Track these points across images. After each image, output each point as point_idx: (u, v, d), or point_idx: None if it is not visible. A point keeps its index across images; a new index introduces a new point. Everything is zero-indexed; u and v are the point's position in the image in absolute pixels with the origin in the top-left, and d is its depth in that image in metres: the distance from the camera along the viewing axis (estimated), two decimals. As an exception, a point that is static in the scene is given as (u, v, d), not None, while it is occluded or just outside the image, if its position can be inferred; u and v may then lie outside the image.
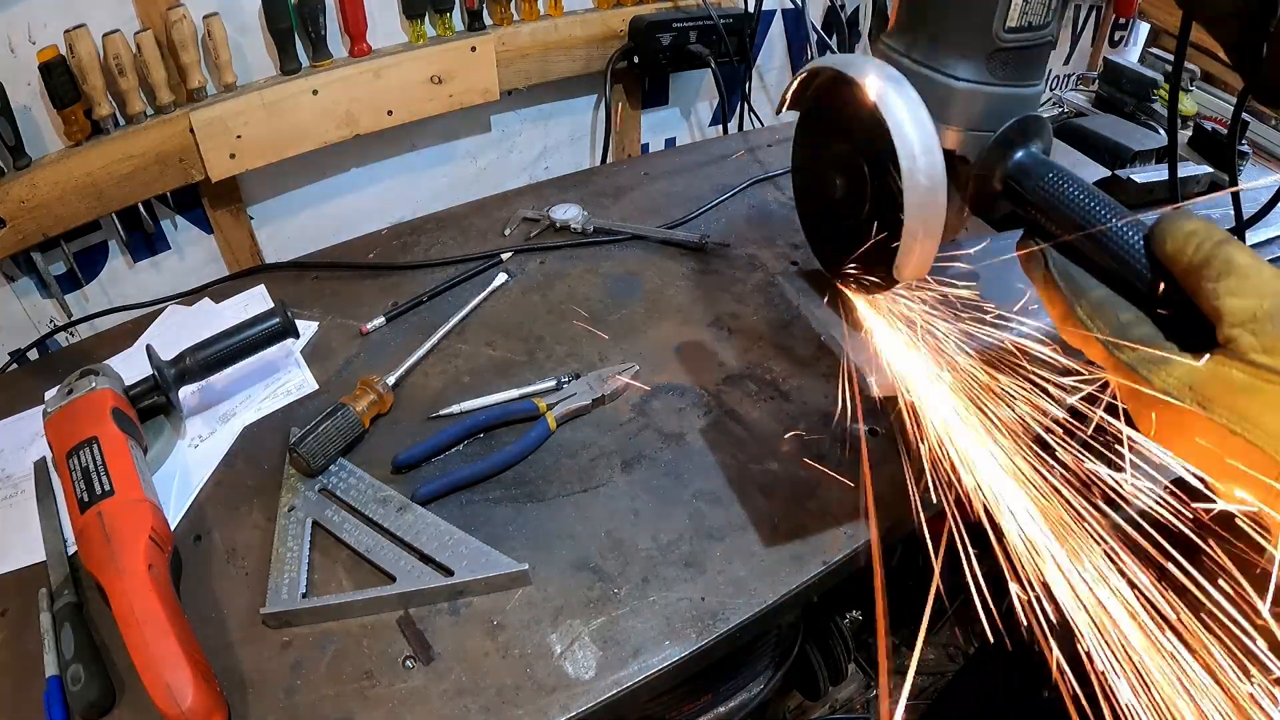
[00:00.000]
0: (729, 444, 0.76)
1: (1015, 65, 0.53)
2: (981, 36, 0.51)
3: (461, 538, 0.65)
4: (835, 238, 0.62)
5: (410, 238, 1.07)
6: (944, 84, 0.53)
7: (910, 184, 0.49)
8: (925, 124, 0.50)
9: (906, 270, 0.53)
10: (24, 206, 0.86)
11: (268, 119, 0.98)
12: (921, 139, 0.49)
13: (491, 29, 1.12)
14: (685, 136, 1.50)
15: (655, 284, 0.98)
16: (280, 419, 0.80)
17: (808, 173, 0.66)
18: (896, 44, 0.56)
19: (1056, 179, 0.49)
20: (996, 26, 0.51)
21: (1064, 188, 0.48)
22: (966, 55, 0.52)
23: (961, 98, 0.53)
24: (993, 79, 0.52)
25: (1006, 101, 0.53)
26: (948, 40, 0.53)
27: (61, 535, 0.67)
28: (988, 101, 0.53)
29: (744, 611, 0.62)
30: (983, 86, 0.52)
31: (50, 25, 0.84)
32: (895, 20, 0.58)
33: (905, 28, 0.56)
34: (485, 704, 0.56)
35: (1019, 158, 0.53)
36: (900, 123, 0.49)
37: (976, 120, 0.53)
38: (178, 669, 0.52)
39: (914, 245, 0.51)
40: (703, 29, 1.24)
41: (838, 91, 0.55)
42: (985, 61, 0.52)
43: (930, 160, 0.49)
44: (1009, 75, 0.53)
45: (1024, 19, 0.51)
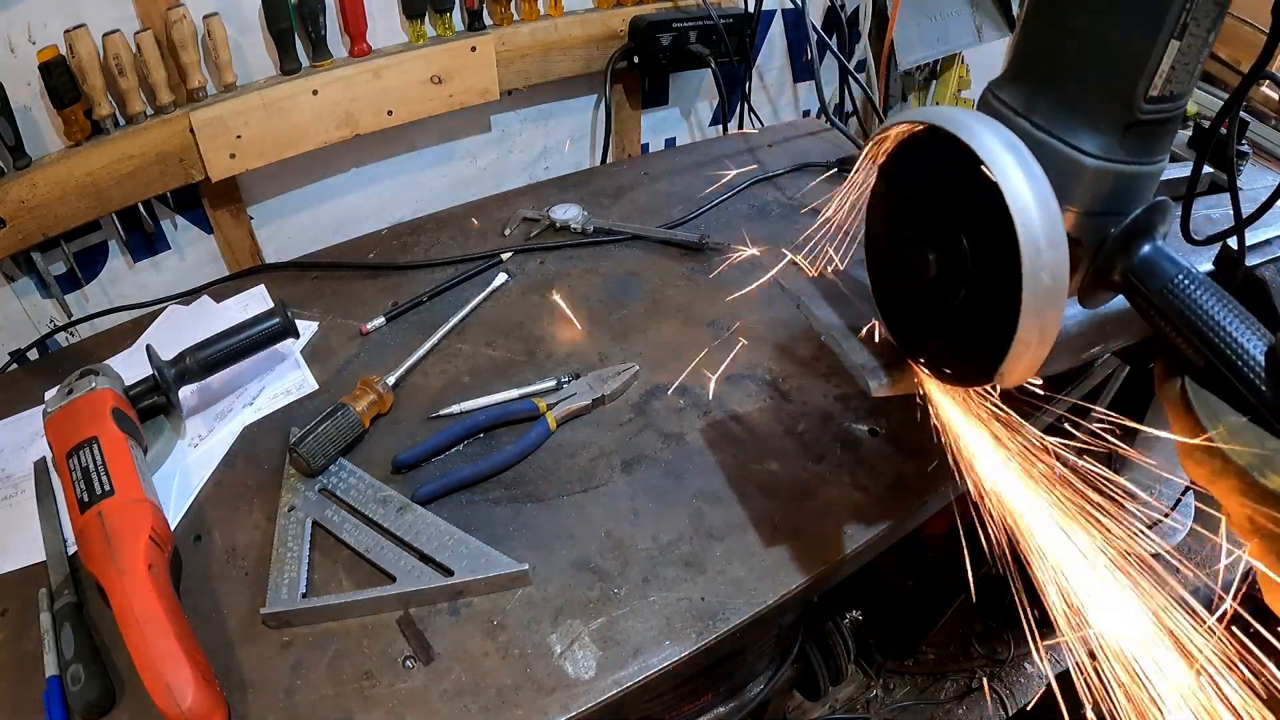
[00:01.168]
0: (729, 444, 0.76)
1: (1147, 140, 0.46)
2: (1121, 105, 0.44)
3: (461, 538, 0.65)
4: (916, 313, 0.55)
5: (410, 238, 1.07)
6: (1070, 158, 0.45)
7: (1032, 281, 0.41)
8: (1052, 209, 0.42)
9: (1012, 377, 0.46)
10: (24, 206, 0.86)
11: (268, 119, 0.98)
12: (1047, 229, 0.41)
13: (491, 29, 1.12)
14: (685, 136, 1.50)
15: (655, 284, 0.98)
16: (280, 419, 0.80)
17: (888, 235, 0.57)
18: (1012, 100, 0.48)
19: (1186, 283, 0.43)
20: (1139, 95, 0.43)
21: (1194, 294, 0.43)
22: (1100, 126, 0.45)
23: (1091, 176, 0.45)
24: (1124, 155, 0.45)
25: (1134, 180, 0.46)
26: (1080, 107, 0.45)
27: (61, 535, 0.67)
28: (1115, 181, 0.46)
29: (744, 611, 0.62)
30: (1113, 164, 0.45)
31: (50, 25, 0.84)
32: (1011, 69, 0.49)
33: (1025, 82, 0.48)
34: (485, 704, 0.56)
35: (1145, 252, 0.46)
36: (1025, 207, 0.41)
37: (1101, 202, 0.46)
38: (178, 669, 0.52)
39: (1026, 351, 0.44)
40: (703, 29, 1.24)
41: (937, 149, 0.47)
42: (1120, 134, 0.45)
43: (1056, 255, 0.42)
44: (1139, 151, 0.46)
45: (1168, 88, 0.43)
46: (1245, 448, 0.38)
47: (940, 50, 1.68)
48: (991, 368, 0.46)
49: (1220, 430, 0.39)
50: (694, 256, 1.03)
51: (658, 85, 1.40)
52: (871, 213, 0.58)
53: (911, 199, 0.53)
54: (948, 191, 0.48)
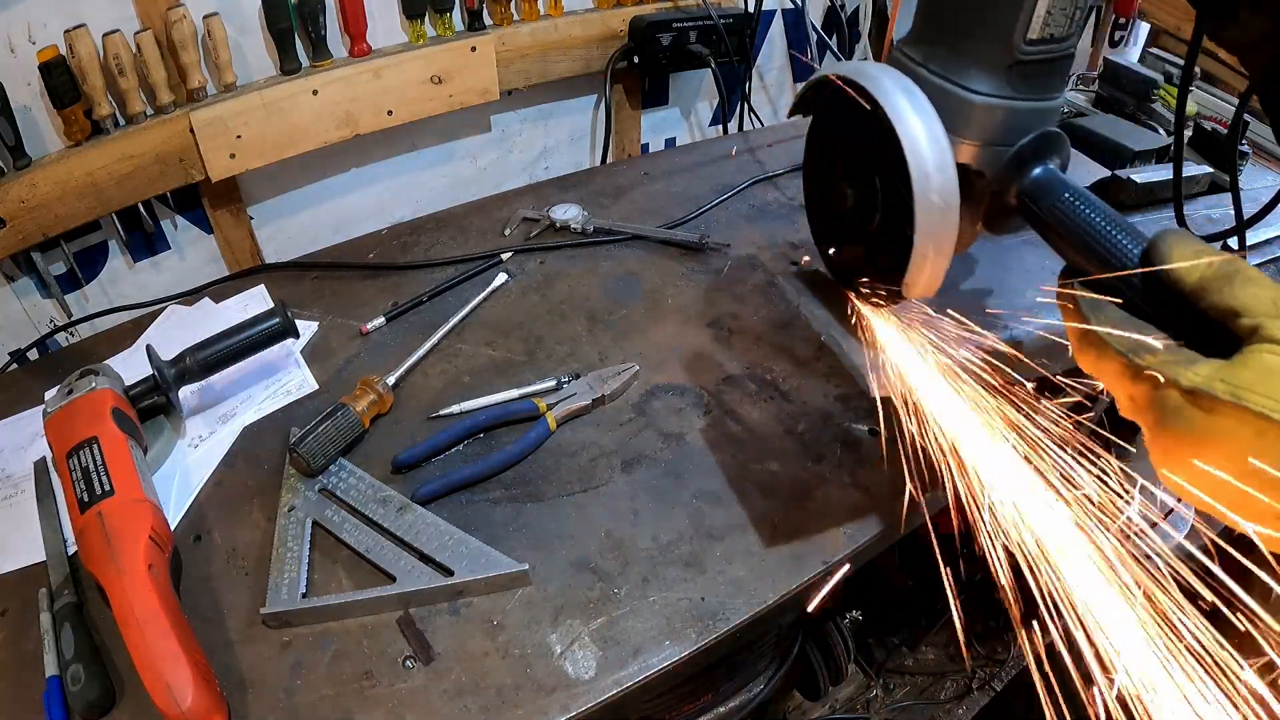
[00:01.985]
0: (729, 444, 0.76)
1: (1035, 78, 0.51)
2: (1002, 48, 0.49)
3: (461, 538, 0.65)
4: (844, 247, 0.62)
5: (410, 238, 1.07)
6: (962, 97, 0.51)
7: (923, 202, 0.48)
8: (940, 139, 0.48)
9: (916, 288, 0.52)
10: (24, 206, 0.86)
11: (268, 119, 0.98)
12: (936, 155, 0.48)
13: (491, 29, 1.12)
14: (685, 136, 1.50)
15: (655, 284, 0.98)
16: (280, 419, 0.80)
17: (817, 180, 0.64)
18: (913, 53, 0.54)
19: (1073, 199, 0.47)
20: (1018, 38, 0.48)
21: (1079, 208, 0.47)
22: (986, 67, 0.50)
23: (979, 111, 0.51)
24: (1012, 92, 0.50)
25: (1025, 115, 0.51)
26: (967, 51, 0.50)
27: (61, 535, 0.67)
28: (1006, 115, 0.51)
29: (744, 611, 0.62)
30: (1001, 100, 0.50)
31: (50, 25, 0.84)
32: (912, 29, 0.55)
33: (923, 37, 0.54)
34: (485, 704, 0.56)
35: (1036, 174, 0.51)
36: (915, 138, 0.48)
37: (993, 134, 0.51)
38: (178, 669, 0.52)
39: (924, 264, 0.50)
40: (703, 29, 1.24)
41: (851, 99, 0.53)
42: (1005, 74, 0.50)
43: (944, 179, 0.48)
44: (1028, 88, 0.51)
45: (1046, 30, 0.48)
46: (1124, 335, 0.42)
47: (940, 50, 1.67)
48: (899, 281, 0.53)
49: (1103, 321, 0.43)
50: (694, 256, 1.03)
51: (658, 85, 1.40)
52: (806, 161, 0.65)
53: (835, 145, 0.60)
54: (860, 133, 0.54)
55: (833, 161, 0.60)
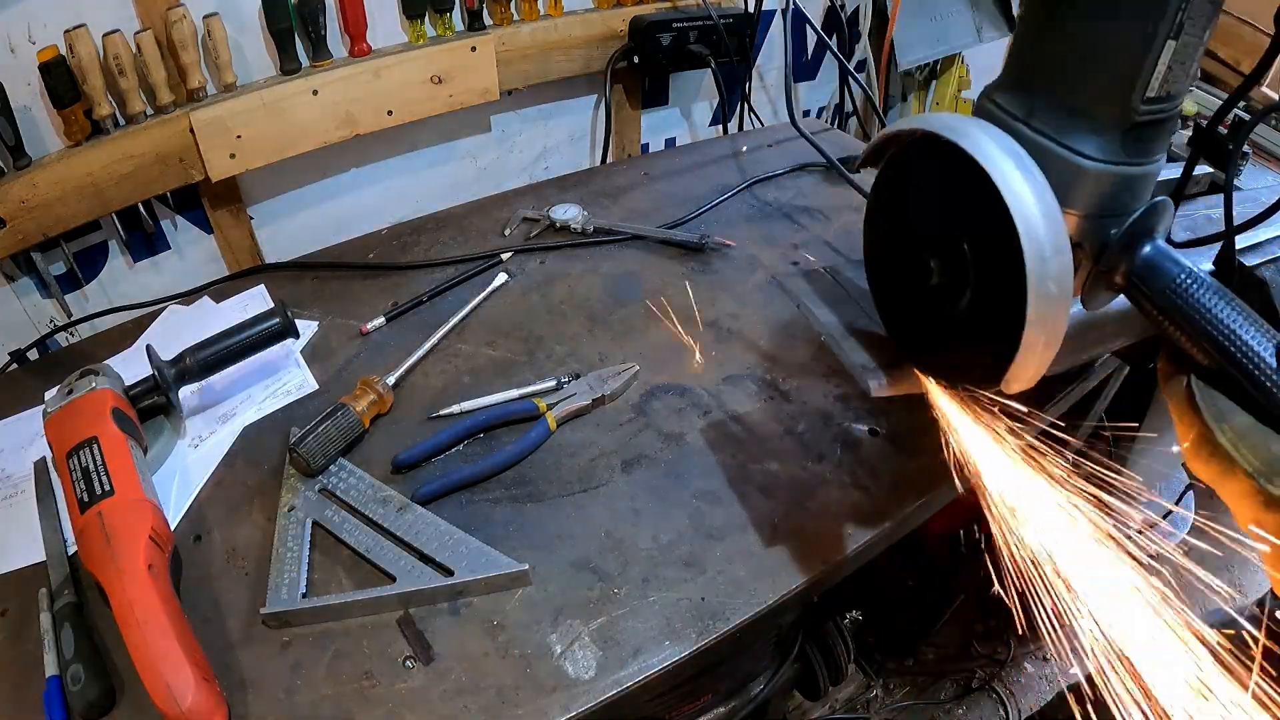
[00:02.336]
0: (729, 444, 0.76)
1: (1146, 141, 0.45)
2: (1119, 107, 0.44)
3: (461, 538, 0.65)
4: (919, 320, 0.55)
5: (410, 238, 1.07)
6: (1070, 162, 0.45)
7: (1037, 289, 0.42)
8: (1055, 216, 0.42)
9: (1017, 383, 0.46)
10: (24, 206, 0.86)
11: (268, 119, 0.98)
12: (1051, 235, 0.41)
13: (491, 29, 1.12)
14: (685, 136, 1.50)
15: (655, 284, 0.98)
16: (280, 419, 0.80)
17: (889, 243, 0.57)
18: (1011, 106, 0.48)
19: (1190, 283, 0.43)
20: (1136, 97, 0.43)
21: (1199, 294, 0.42)
22: (1099, 129, 0.45)
23: (1089, 179, 0.45)
24: (1124, 157, 0.45)
25: (1133, 183, 0.46)
26: (1078, 110, 0.45)
27: (61, 535, 0.67)
28: (1116, 184, 0.46)
29: (744, 611, 0.62)
30: (1112, 166, 0.45)
31: (50, 25, 0.84)
32: (1008, 74, 0.49)
33: (1023, 87, 0.48)
34: (485, 704, 0.56)
35: (1147, 253, 0.45)
36: (1028, 215, 0.41)
37: (1101, 205, 0.46)
38: (178, 669, 0.52)
39: (1032, 357, 0.44)
40: (703, 29, 1.24)
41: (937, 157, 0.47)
42: (1119, 136, 0.45)
43: (1061, 263, 0.42)
44: (1138, 152, 0.45)
45: (1164, 88, 0.43)
46: (1251, 452, 0.37)
47: (940, 50, 1.68)
48: (998, 373, 0.46)
49: (1227, 431, 0.38)
50: (694, 256, 1.03)
51: (658, 85, 1.40)
52: (871, 221, 0.58)
53: (911, 208, 0.53)
54: (948, 199, 0.48)
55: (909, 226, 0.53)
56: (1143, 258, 0.45)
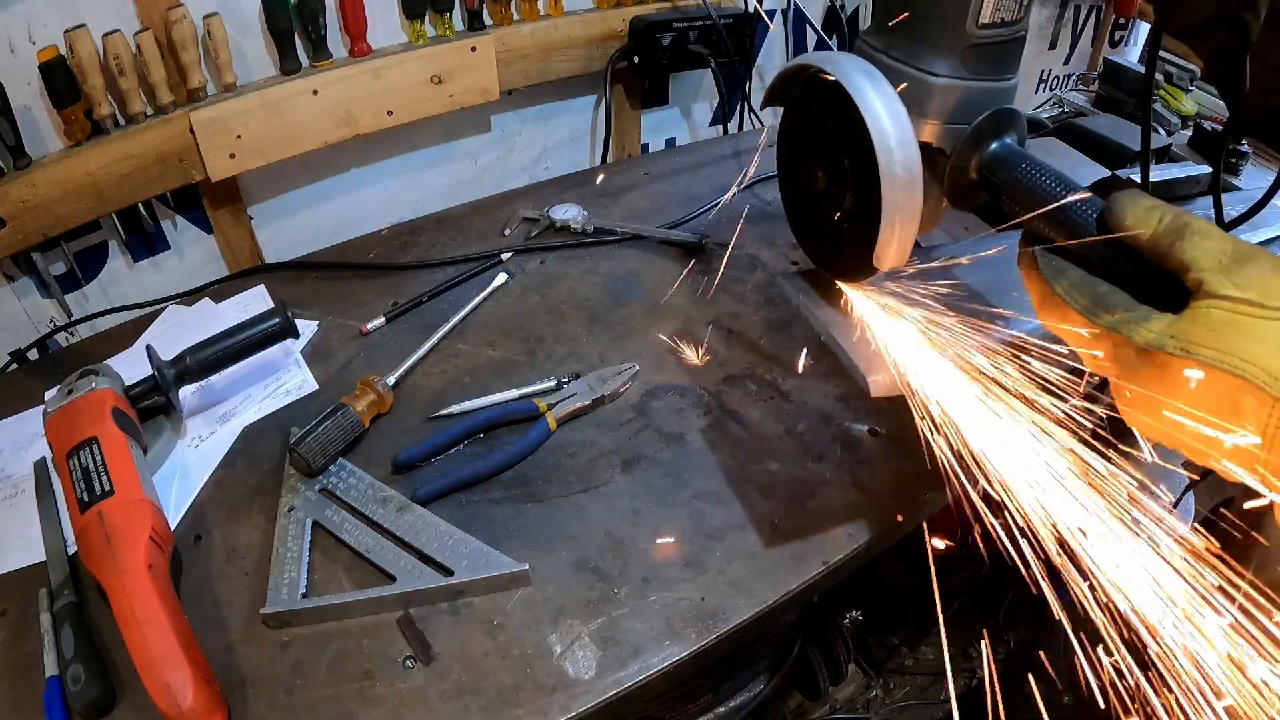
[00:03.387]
0: (729, 444, 0.76)
1: (989, 60, 0.54)
2: (955, 33, 0.53)
3: (461, 538, 0.65)
4: (820, 230, 0.64)
5: (410, 238, 1.07)
6: (920, 79, 0.54)
7: (887, 174, 0.51)
8: (901, 117, 0.51)
9: (886, 259, 0.54)
10: (24, 206, 0.86)
11: (268, 119, 0.98)
12: (897, 132, 0.51)
13: (491, 29, 1.12)
14: (685, 136, 1.50)
15: (655, 284, 0.98)
16: (280, 419, 0.80)
17: (792, 168, 0.67)
18: (875, 41, 0.58)
19: (1029, 168, 0.51)
20: (970, 23, 0.52)
21: (1035, 176, 0.50)
22: (942, 51, 0.54)
23: (937, 92, 0.54)
24: (967, 73, 0.54)
25: (981, 95, 0.55)
26: (923, 37, 0.54)
27: (61, 535, 0.67)
28: (963, 95, 0.54)
29: (744, 611, 0.62)
30: (958, 81, 0.54)
31: (50, 25, 0.84)
32: (873, 20, 0.59)
33: (883, 26, 0.58)
34: (485, 704, 0.56)
35: (994, 149, 0.54)
36: (877, 116, 0.51)
37: (952, 114, 0.55)
38: (178, 669, 0.52)
39: (892, 235, 0.53)
40: (703, 29, 1.24)
41: (819, 88, 0.57)
42: (960, 57, 0.53)
43: (906, 152, 0.51)
44: (983, 70, 0.54)
45: (996, 15, 0.52)
46: (1081, 294, 0.44)
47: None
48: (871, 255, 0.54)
49: (1062, 283, 0.45)
50: (694, 256, 1.03)
51: (658, 85, 1.39)
52: (779, 148, 0.69)
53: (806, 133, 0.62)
54: (830, 120, 0.56)
55: (804, 149, 0.63)
56: (990, 153, 0.54)
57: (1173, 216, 0.42)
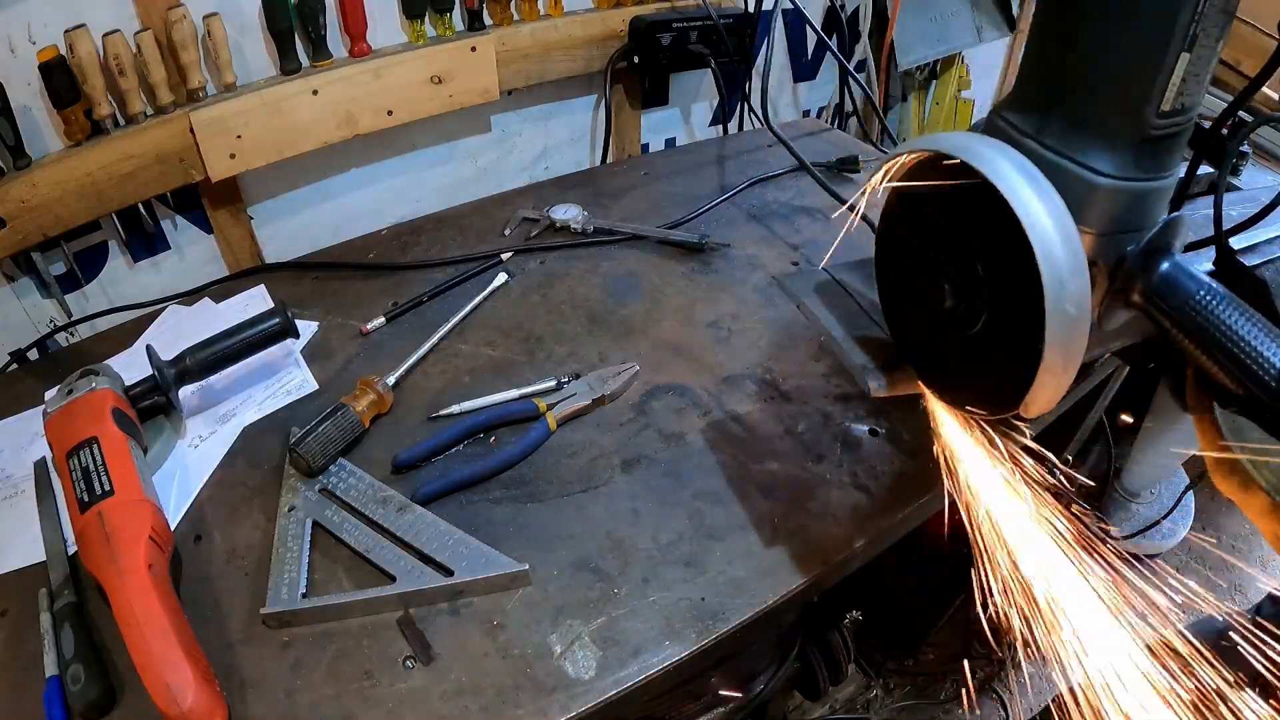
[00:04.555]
0: (729, 444, 0.76)
1: (1160, 155, 0.45)
2: (1133, 122, 0.43)
3: (461, 538, 0.65)
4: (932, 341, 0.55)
5: (410, 238, 1.07)
6: (1084, 179, 0.44)
7: (1056, 313, 0.41)
8: (1073, 238, 0.41)
9: (1035, 406, 0.45)
10: (24, 206, 0.86)
11: (268, 119, 0.98)
12: (1069, 258, 0.41)
13: (491, 29, 1.12)
14: (685, 136, 1.50)
15: (655, 284, 0.98)
16: (280, 419, 0.80)
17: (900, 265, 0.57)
18: (1022, 123, 0.47)
19: (1209, 299, 0.42)
20: (1150, 111, 0.42)
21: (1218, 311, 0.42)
22: (1113, 144, 0.44)
23: (1103, 196, 0.44)
24: (1138, 172, 0.44)
25: (1148, 198, 0.45)
26: (1092, 125, 0.44)
27: (61, 535, 0.67)
28: (1131, 199, 0.45)
29: (744, 611, 0.62)
30: (1127, 183, 0.44)
31: (50, 25, 0.84)
32: (1018, 90, 0.48)
33: (1034, 103, 0.47)
34: (485, 704, 0.56)
35: (1164, 269, 0.44)
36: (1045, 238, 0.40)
37: (1116, 222, 0.45)
38: (178, 669, 0.52)
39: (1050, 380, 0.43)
40: (703, 29, 1.24)
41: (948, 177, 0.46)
42: (1132, 152, 0.44)
43: (1079, 284, 0.41)
44: (1152, 167, 0.45)
45: (1179, 100, 0.43)
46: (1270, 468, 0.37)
47: (940, 50, 1.67)
48: (1015, 398, 0.45)
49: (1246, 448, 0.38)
50: (694, 256, 1.03)
51: (658, 85, 1.39)
52: (882, 242, 0.58)
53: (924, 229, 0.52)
54: (962, 221, 0.47)
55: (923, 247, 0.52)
56: (1160, 275, 0.44)
57: None
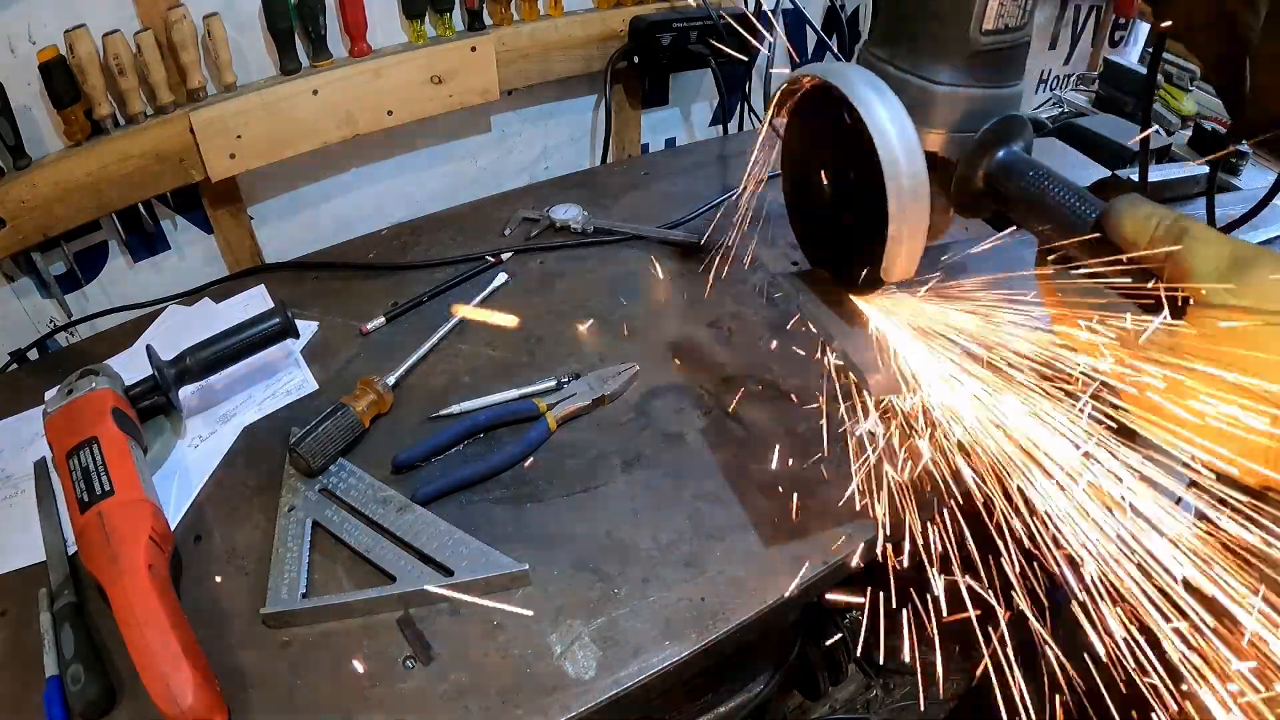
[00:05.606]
0: (729, 444, 0.76)
1: (994, 67, 0.54)
2: (959, 41, 0.52)
3: (461, 538, 0.65)
4: (826, 240, 0.64)
5: (410, 238, 1.07)
6: (925, 88, 0.54)
7: (893, 185, 0.50)
8: (906, 127, 0.50)
9: (894, 271, 0.54)
10: (24, 206, 0.86)
11: (268, 119, 0.98)
12: (903, 141, 0.50)
13: (491, 29, 1.12)
14: (685, 136, 1.50)
15: (655, 284, 0.98)
16: (280, 419, 0.80)
17: (796, 178, 0.67)
18: (879, 52, 0.57)
19: (1036, 176, 0.51)
20: (974, 30, 0.51)
21: (1043, 184, 0.50)
22: (946, 60, 0.53)
23: (943, 100, 0.54)
24: (973, 81, 0.53)
25: (987, 103, 0.54)
26: (927, 46, 0.54)
27: (61, 535, 0.67)
28: (969, 103, 0.54)
29: (744, 611, 0.62)
30: (963, 89, 0.53)
31: (50, 25, 0.84)
32: (874, 30, 0.59)
33: (886, 36, 0.57)
34: (485, 704, 0.56)
35: (1000, 157, 0.54)
36: (882, 127, 0.50)
37: (958, 122, 0.54)
38: (178, 669, 0.52)
39: (899, 247, 0.52)
40: (703, 29, 1.24)
41: (822, 98, 0.56)
42: (965, 65, 0.53)
43: (912, 161, 0.50)
44: (988, 77, 0.54)
45: (1000, 21, 0.51)
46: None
47: (940, 50, 1.67)
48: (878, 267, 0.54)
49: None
50: (694, 256, 1.03)
51: (658, 85, 1.39)
52: (784, 157, 0.68)
53: (811, 143, 0.62)
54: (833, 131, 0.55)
55: (809, 159, 0.62)
56: (997, 161, 0.53)
57: (1171, 222, 0.41)
